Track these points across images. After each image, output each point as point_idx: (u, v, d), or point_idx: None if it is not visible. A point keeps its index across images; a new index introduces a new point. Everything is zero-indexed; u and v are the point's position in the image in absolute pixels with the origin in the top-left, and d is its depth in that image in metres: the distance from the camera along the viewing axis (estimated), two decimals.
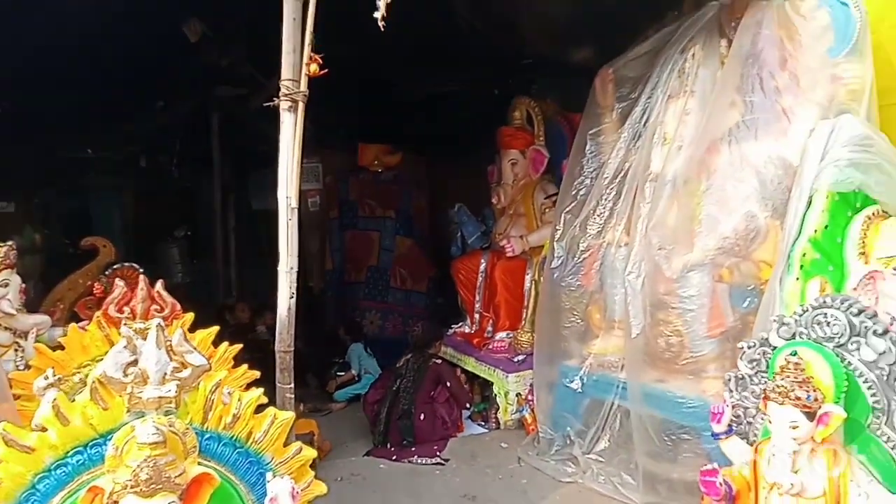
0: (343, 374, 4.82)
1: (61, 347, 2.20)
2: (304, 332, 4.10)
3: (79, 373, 2.12)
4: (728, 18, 3.15)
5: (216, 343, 2.25)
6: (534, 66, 4.70)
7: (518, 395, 3.88)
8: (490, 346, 4.26)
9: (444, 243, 6.17)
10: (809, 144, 2.36)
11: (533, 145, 4.46)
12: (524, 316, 4.24)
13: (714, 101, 2.94)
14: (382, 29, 2.26)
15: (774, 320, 1.99)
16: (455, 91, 5.40)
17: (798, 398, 1.67)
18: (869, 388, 1.73)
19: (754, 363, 2.03)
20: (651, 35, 3.47)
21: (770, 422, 1.74)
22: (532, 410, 3.71)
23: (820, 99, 2.65)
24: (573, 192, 3.39)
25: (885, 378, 1.71)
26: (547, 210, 4.34)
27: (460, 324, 4.74)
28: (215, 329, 2.21)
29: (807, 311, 1.90)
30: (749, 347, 2.05)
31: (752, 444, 1.93)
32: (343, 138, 6.28)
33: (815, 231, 2.17)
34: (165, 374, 1.52)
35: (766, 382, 1.98)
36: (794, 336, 1.92)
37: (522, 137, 4.51)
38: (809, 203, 2.23)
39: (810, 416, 1.68)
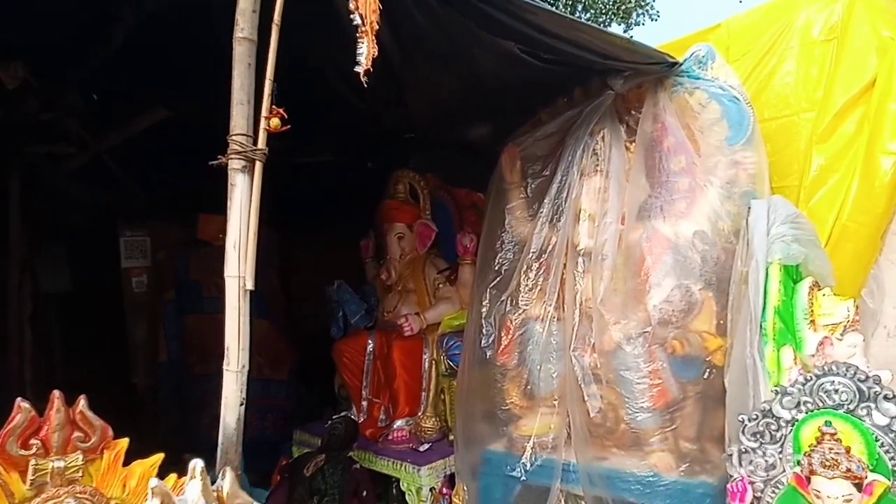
0: None
1: None
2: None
3: None
4: (625, 108, 3.40)
5: None
6: (414, 140, 4.61)
7: (432, 489, 3.53)
8: (389, 437, 3.86)
9: (303, 325, 5.67)
10: (751, 221, 2.56)
11: (420, 219, 4.33)
12: (424, 399, 3.95)
13: (631, 183, 3.10)
14: (365, 85, 1.99)
15: (775, 390, 2.05)
16: (320, 161, 5.08)
17: (849, 470, 1.69)
18: (886, 452, 1.81)
19: (757, 436, 2.05)
20: (544, 119, 3.61)
21: (819, 498, 1.73)
22: None
23: (722, 181, 2.94)
24: (496, 267, 3.28)
25: None
26: (440, 286, 4.20)
27: (343, 414, 4.26)
28: (160, 457, 1.62)
29: (809, 379, 1.98)
30: (750, 420, 2.07)
31: None
32: (179, 208, 5.50)
33: (779, 302, 2.32)
34: None
35: (771, 456, 2.01)
36: (798, 405, 1.98)
37: (409, 211, 4.35)
38: (766, 276, 2.39)
39: (857, 486, 1.71)
